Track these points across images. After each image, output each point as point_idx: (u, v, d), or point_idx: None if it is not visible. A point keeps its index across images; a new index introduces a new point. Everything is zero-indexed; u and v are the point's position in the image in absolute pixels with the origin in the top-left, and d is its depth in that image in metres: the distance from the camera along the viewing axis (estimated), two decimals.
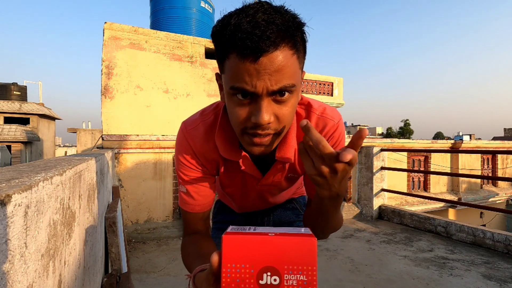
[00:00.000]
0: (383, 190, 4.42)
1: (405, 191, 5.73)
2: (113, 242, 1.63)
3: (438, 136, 47.59)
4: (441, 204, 6.31)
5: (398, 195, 5.32)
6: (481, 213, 7.63)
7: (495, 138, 33.65)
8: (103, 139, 3.54)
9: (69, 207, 0.81)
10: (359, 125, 52.87)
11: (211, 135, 0.66)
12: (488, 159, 7.33)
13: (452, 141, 6.73)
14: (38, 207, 0.53)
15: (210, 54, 4.78)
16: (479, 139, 13.42)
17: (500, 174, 7.40)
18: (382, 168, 4.44)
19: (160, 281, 2.36)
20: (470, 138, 13.47)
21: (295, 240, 0.36)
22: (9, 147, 12.63)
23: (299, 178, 0.80)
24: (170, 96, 4.53)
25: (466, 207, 6.41)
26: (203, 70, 4.75)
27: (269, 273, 0.36)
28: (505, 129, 36.02)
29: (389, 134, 43.00)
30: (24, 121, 14.07)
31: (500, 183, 7.46)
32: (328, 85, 9.43)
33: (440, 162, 6.48)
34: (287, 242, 0.36)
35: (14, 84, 15.22)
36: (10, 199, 0.41)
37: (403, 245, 3.13)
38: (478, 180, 7.01)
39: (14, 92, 15.02)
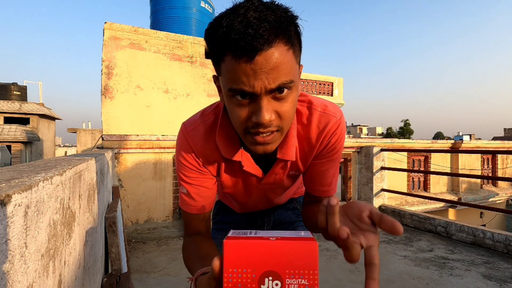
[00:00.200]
0: (383, 190, 4.42)
1: (405, 191, 5.72)
2: (113, 242, 1.63)
3: (438, 136, 47.60)
4: (441, 204, 6.31)
5: (398, 195, 5.32)
6: (481, 213, 7.63)
7: (495, 138, 33.66)
8: (103, 139, 3.54)
9: (69, 207, 0.80)
10: (359, 125, 52.92)
11: (212, 136, 0.66)
12: (488, 159, 7.33)
13: (452, 141, 6.72)
14: (38, 207, 0.53)
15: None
16: (479, 139, 13.42)
17: (500, 174, 7.40)
18: (382, 168, 4.44)
19: (160, 281, 2.36)
20: (470, 138, 13.47)
21: (296, 244, 0.36)
22: (9, 147, 12.64)
23: (300, 176, 0.80)
24: (170, 96, 4.53)
25: (466, 207, 6.41)
26: (203, 70, 4.75)
27: (271, 278, 0.36)
28: (505, 129, 36.05)
29: (389, 134, 43.01)
30: (24, 121, 14.07)
31: (500, 183, 7.45)
32: (328, 85, 9.43)
33: (440, 162, 6.48)
34: (288, 246, 0.36)
35: (14, 84, 15.23)
36: (10, 199, 0.41)
37: (403, 245, 3.13)
38: (478, 180, 7.01)
39: (14, 92, 15.03)
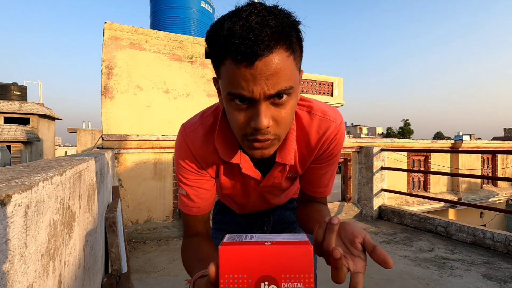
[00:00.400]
0: (383, 190, 4.42)
1: (405, 191, 5.72)
2: (113, 242, 1.63)
3: (438, 136, 47.61)
4: (441, 204, 6.31)
5: (398, 195, 5.32)
6: (481, 213, 7.63)
7: (495, 138, 33.67)
8: (103, 139, 3.54)
9: (69, 207, 0.81)
10: (359, 125, 52.91)
11: (211, 138, 0.66)
12: (488, 159, 7.32)
13: (452, 141, 6.71)
14: (38, 207, 0.53)
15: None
16: (479, 139, 13.41)
17: (500, 174, 7.40)
18: (382, 168, 4.44)
19: (160, 281, 2.36)
20: (470, 138, 13.46)
21: (291, 249, 0.37)
22: (9, 147, 12.64)
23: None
24: (170, 96, 4.53)
25: (466, 207, 6.41)
26: (203, 70, 4.75)
27: (267, 283, 0.36)
28: (505, 129, 36.06)
29: (389, 134, 43.01)
30: (24, 121, 14.07)
31: (500, 183, 7.45)
32: (328, 85, 9.43)
33: (440, 162, 6.48)
34: (283, 251, 0.36)
35: (14, 84, 15.23)
36: (10, 199, 0.41)
37: (403, 245, 3.13)
38: (478, 180, 7.00)
39: (14, 92, 15.03)
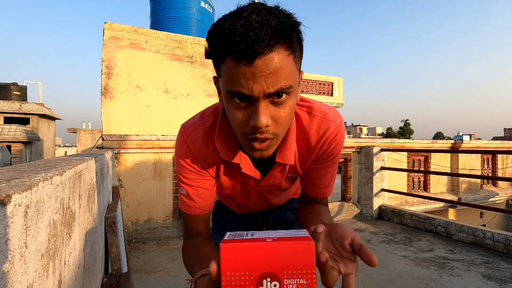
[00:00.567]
0: (383, 190, 4.42)
1: (405, 191, 5.72)
2: (113, 242, 1.63)
3: (438, 136, 47.62)
4: (441, 204, 6.31)
5: (398, 195, 5.32)
6: (481, 213, 7.62)
7: (495, 138, 33.67)
8: (103, 139, 3.54)
9: (69, 207, 0.81)
10: (359, 125, 52.91)
11: (211, 138, 0.66)
12: (488, 159, 7.32)
13: (452, 141, 6.71)
14: (38, 207, 0.53)
15: (210, 55, 4.78)
16: (479, 139, 13.41)
17: (500, 174, 7.40)
18: (382, 168, 4.44)
19: (160, 281, 2.36)
20: (470, 138, 13.46)
21: (293, 245, 0.36)
22: (9, 147, 12.63)
23: (298, 178, 0.80)
24: (170, 96, 4.53)
25: (466, 207, 6.41)
26: (203, 70, 4.75)
27: (269, 279, 0.36)
28: (505, 129, 36.05)
29: (389, 134, 43.02)
30: (24, 121, 14.07)
31: (500, 183, 7.45)
32: (328, 85, 9.43)
33: (440, 162, 6.48)
34: (285, 247, 0.36)
35: (14, 84, 15.22)
36: (10, 199, 0.41)
37: (403, 245, 3.13)
38: (478, 180, 7.00)
39: (14, 92, 15.03)
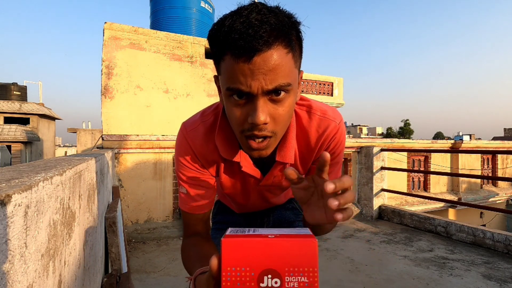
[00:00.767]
0: (383, 190, 4.41)
1: (405, 191, 5.72)
2: (113, 242, 1.63)
3: (438, 136, 47.61)
4: (441, 204, 6.31)
5: (398, 195, 5.32)
6: (481, 213, 7.62)
7: (495, 138, 33.65)
8: (103, 139, 3.54)
9: (69, 207, 0.80)
10: (359, 125, 52.89)
11: (211, 136, 0.66)
12: (488, 159, 7.32)
13: (452, 141, 6.72)
14: (38, 207, 0.53)
15: (210, 54, 4.74)
16: (479, 139, 13.41)
17: (500, 174, 7.40)
18: (382, 168, 4.44)
19: (160, 281, 2.36)
20: (470, 138, 13.47)
21: (296, 242, 0.36)
22: (9, 147, 12.63)
23: None
24: (170, 96, 4.53)
25: (466, 207, 6.41)
26: (203, 70, 4.75)
27: (270, 276, 0.35)
28: (505, 129, 36.02)
29: (389, 134, 43.02)
30: (24, 121, 14.07)
31: (500, 183, 7.45)
32: (328, 85, 9.43)
33: (440, 162, 6.48)
34: (287, 244, 0.36)
35: (14, 84, 15.22)
36: (10, 199, 0.41)
37: (403, 245, 3.13)
38: (478, 180, 7.00)
39: (14, 92, 15.03)
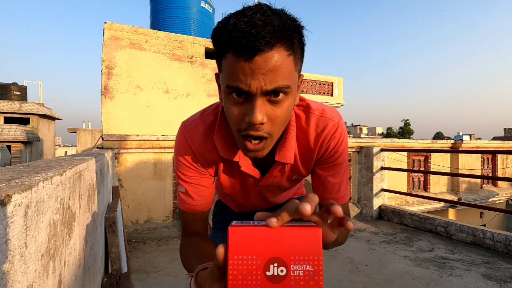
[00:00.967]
0: (383, 190, 4.41)
1: (405, 191, 5.72)
2: (113, 242, 1.63)
3: (438, 136, 47.62)
4: (441, 204, 6.31)
5: (398, 195, 5.32)
6: (481, 213, 7.62)
7: (495, 138, 33.64)
8: (103, 139, 3.54)
9: (69, 207, 0.80)
10: (359, 125, 52.89)
11: (211, 136, 0.66)
12: (488, 159, 7.32)
13: (452, 141, 6.71)
14: (38, 207, 0.53)
15: (210, 54, 4.78)
16: (479, 139, 13.40)
17: (500, 174, 7.40)
18: (382, 168, 4.44)
19: (160, 281, 2.36)
20: (470, 138, 13.46)
21: (301, 231, 0.36)
22: (9, 147, 12.63)
23: (302, 179, 0.80)
24: (170, 96, 4.53)
25: (466, 207, 6.41)
26: (203, 70, 4.75)
27: (276, 264, 0.36)
28: (505, 129, 36.03)
29: (389, 134, 43.03)
30: (24, 121, 14.07)
31: (500, 183, 7.45)
32: (328, 85, 9.43)
33: (440, 162, 6.48)
34: (293, 233, 0.36)
35: (14, 84, 15.23)
36: (10, 199, 0.41)
37: (403, 245, 3.13)
38: (478, 180, 7.00)
39: (14, 92, 15.03)
